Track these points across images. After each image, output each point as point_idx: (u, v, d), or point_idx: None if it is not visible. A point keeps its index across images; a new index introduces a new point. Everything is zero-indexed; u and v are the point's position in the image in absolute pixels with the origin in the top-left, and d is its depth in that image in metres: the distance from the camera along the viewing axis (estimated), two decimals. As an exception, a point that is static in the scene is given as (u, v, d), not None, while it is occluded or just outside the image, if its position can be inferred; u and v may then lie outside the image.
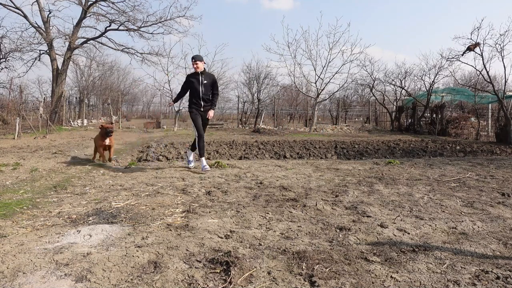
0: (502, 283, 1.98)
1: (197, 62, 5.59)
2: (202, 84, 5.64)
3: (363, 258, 2.31)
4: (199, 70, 5.65)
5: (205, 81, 5.66)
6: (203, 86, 5.65)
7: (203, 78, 5.65)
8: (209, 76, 5.78)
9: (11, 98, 15.77)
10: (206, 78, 5.70)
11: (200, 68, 5.64)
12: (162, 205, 3.60)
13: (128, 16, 19.79)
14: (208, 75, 5.77)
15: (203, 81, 5.64)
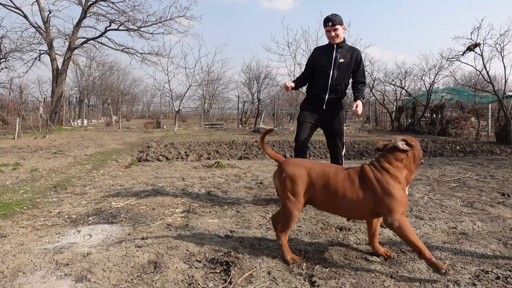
0: (502, 283, 1.98)
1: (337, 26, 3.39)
2: (336, 63, 3.45)
3: (363, 258, 2.31)
4: (337, 41, 3.46)
5: (342, 59, 3.47)
6: (337, 67, 3.46)
7: (340, 54, 3.47)
8: (348, 52, 3.52)
9: (11, 98, 15.80)
10: (344, 54, 3.49)
11: (340, 37, 3.46)
12: (162, 205, 3.60)
13: (128, 16, 19.82)
14: (347, 49, 3.52)
15: (338, 59, 3.45)
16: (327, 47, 3.55)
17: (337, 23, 3.41)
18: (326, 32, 3.47)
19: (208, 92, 35.56)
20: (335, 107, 3.60)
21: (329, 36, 3.46)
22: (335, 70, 3.47)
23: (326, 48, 3.56)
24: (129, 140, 11.84)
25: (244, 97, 25.91)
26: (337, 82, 3.50)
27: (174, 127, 17.90)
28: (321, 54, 3.54)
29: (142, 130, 17.93)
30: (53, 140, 11.00)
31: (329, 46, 3.54)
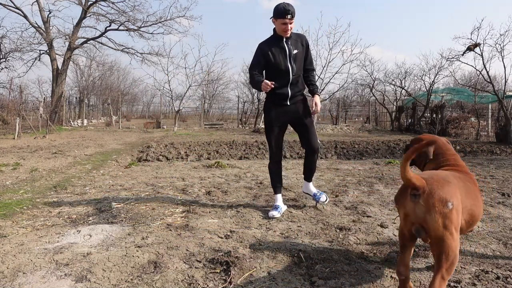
0: (502, 283, 1.98)
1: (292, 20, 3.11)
2: (290, 56, 3.21)
3: (363, 258, 2.31)
4: (289, 34, 3.20)
5: (295, 50, 3.24)
6: (292, 59, 3.22)
7: (292, 46, 3.23)
8: (297, 41, 3.29)
9: (11, 98, 15.78)
10: (295, 44, 3.25)
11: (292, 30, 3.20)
12: (162, 205, 3.60)
13: (128, 16, 19.83)
14: (295, 38, 3.28)
15: (292, 50, 3.22)
16: (276, 40, 3.22)
17: (294, 15, 3.13)
18: (281, 25, 3.10)
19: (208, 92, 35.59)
20: (299, 100, 3.34)
21: (285, 29, 3.12)
22: (292, 63, 3.22)
23: (274, 41, 3.22)
24: (129, 140, 11.84)
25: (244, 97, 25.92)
26: (297, 74, 3.27)
27: (174, 127, 17.90)
28: (272, 49, 3.20)
29: (142, 130, 17.94)
30: (53, 140, 11.01)
31: (277, 39, 3.22)
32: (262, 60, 3.20)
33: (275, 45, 3.21)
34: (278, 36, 3.21)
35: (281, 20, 3.08)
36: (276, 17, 3.10)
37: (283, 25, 3.10)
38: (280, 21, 3.09)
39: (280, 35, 3.19)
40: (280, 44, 3.21)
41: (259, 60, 3.21)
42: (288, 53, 3.20)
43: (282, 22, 3.09)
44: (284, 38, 3.20)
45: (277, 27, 3.16)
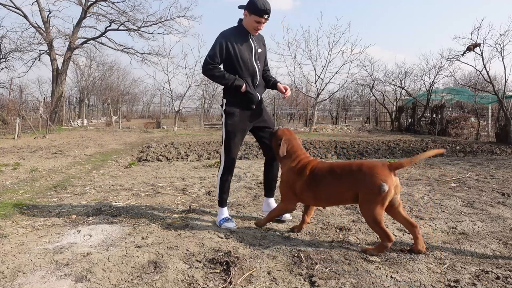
0: (502, 283, 1.98)
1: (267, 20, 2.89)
2: (256, 55, 2.99)
3: (363, 258, 2.31)
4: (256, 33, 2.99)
5: (259, 49, 3.04)
6: (258, 58, 3.01)
7: (256, 43, 3.01)
8: (260, 40, 3.10)
9: (11, 98, 15.79)
10: (258, 43, 3.06)
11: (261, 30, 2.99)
12: (162, 205, 3.60)
13: (128, 16, 19.83)
14: (258, 37, 3.09)
15: (257, 49, 3.00)
16: (241, 34, 2.92)
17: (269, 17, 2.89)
18: (255, 23, 2.83)
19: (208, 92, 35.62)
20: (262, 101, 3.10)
21: (257, 28, 2.88)
22: (258, 62, 2.97)
23: (240, 35, 2.91)
24: (129, 140, 11.84)
25: (244, 97, 25.81)
26: (261, 75, 3.06)
27: (174, 127, 17.90)
28: (239, 43, 2.88)
29: (142, 130, 17.94)
30: (53, 140, 11.00)
31: (243, 33, 2.92)
32: (223, 52, 2.85)
33: (241, 40, 2.90)
34: (244, 30, 2.92)
35: (256, 18, 2.81)
36: (251, 12, 2.81)
37: (256, 23, 2.84)
38: (254, 18, 2.82)
39: (248, 31, 2.92)
40: (245, 39, 2.92)
41: (221, 51, 2.84)
42: (254, 51, 2.95)
43: (256, 20, 2.83)
44: (250, 34, 2.94)
45: (249, 22, 2.86)
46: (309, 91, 24.41)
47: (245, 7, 2.85)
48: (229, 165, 3.01)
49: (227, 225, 2.91)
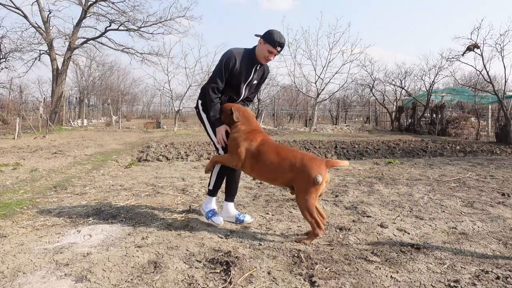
0: (502, 283, 1.98)
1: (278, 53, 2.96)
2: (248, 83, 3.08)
3: (363, 258, 2.31)
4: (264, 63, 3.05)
5: (255, 81, 3.13)
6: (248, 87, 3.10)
7: (256, 75, 3.09)
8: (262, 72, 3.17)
9: (11, 98, 15.79)
10: (259, 75, 3.14)
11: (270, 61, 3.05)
12: (162, 205, 3.60)
13: (128, 16, 19.83)
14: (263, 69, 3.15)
15: (253, 80, 3.09)
16: (249, 60, 2.97)
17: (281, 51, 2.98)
18: (267, 52, 2.89)
19: (208, 92, 35.46)
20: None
21: (268, 58, 2.94)
22: (246, 90, 3.08)
23: (247, 60, 2.97)
24: (129, 140, 11.84)
25: (244, 97, 25.79)
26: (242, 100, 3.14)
27: (174, 127, 17.91)
28: (242, 68, 2.95)
29: (142, 130, 17.94)
30: (53, 140, 11.00)
31: (251, 59, 2.98)
32: (227, 72, 2.91)
33: (246, 65, 2.96)
34: (254, 57, 2.97)
35: (270, 48, 2.87)
36: (266, 41, 2.87)
37: (268, 53, 2.90)
38: (268, 47, 2.87)
39: (258, 59, 2.97)
40: (250, 67, 2.98)
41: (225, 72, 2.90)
42: (249, 81, 3.04)
43: (269, 50, 2.88)
44: (257, 64, 3.00)
45: (261, 51, 2.91)
46: (309, 91, 24.41)
47: (262, 36, 2.92)
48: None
49: (216, 220, 2.97)
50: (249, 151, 2.76)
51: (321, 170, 2.51)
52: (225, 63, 2.88)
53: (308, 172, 2.51)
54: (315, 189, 2.52)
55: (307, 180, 2.50)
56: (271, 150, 2.72)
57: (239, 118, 2.86)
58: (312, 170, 2.50)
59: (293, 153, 2.66)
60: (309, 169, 2.51)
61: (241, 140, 2.80)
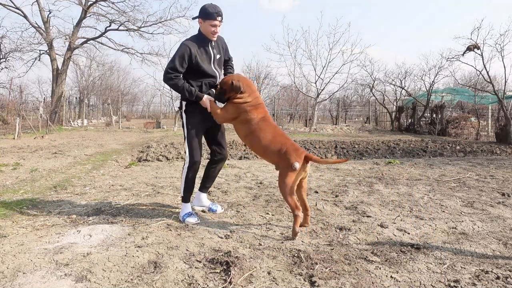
0: (502, 283, 1.98)
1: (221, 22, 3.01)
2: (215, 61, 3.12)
3: (363, 258, 2.31)
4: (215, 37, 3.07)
5: (218, 54, 3.15)
6: (217, 64, 3.14)
7: (215, 50, 3.12)
8: (220, 44, 3.20)
9: (11, 98, 15.79)
10: (218, 48, 3.16)
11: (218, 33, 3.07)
12: (162, 205, 3.60)
13: (128, 16, 19.82)
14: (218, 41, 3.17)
15: (215, 55, 3.12)
16: (202, 42, 3.01)
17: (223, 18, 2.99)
18: (210, 27, 2.93)
19: (208, 92, 35.50)
20: None
21: (213, 32, 2.97)
22: (217, 68, 3.12)
23: (202, 43, 3.02)
24: (129, 140, 11.84)
25: (244, 97, 25.78)
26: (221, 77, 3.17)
27: (174, 127, 17.90)
28: (199, 52, 2.99)
29: (142, 130, 17.94)
30: (53, 140, 11.00)
31: (203, 41, 3.02)
32: (185, 62, 2.93)
33: (201, 48, 3.01)
34: (204, 38, 3.02)
35: (210, 22, 2.92)
36: (204, 18, 2.93)
37: (212, 27, 2.94)
38: (209, 23, 2.93)
39: (206, 37, 3.02)
40: (205, 48, 3.03)
41: (182, 61, 2.91)
42: (213, 58, 3.08)
43: (211, 24, 2.93)
44: (211, 42, 3.05)
45: (205, 28, 2.97)
46: (309, 91, 24.41)
47: (198, 16, 2.99)
48: (193, 164, 3.08)
49: (190, 220, 3.02)
50: (246, 120, 2.92)
51: (300, 159, 2.74)
52: (181, 53, 2.92)
53: (288, 158, 2.75)
54: (293, 174, 2.74)
55: (288, 165, 2.75)
56: (268, 130, 2.90)
57: (244, 88, 2.91)
58: (292, 157, 2.75)
59: (283, 140, 2.87)
60: (289, 156, 2.75)
61: (240, 110, 2.91)
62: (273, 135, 2.89)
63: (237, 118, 2.95)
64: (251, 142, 2.96)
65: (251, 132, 2.91)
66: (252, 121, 2.91)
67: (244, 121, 2.93)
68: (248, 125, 2.92)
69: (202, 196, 3.38)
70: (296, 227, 2.68)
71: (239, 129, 2.99)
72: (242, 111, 2.91)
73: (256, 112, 2.92)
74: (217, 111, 2.99)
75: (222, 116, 2.99)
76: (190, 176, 3.09)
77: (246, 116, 2.91)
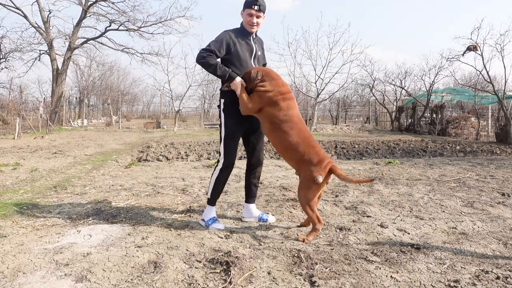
0: (502, 283, 1.98)
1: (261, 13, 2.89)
2: (256, 57, 3.01)
3: (363, 258, 2.31)
4: (255, 30, 2.96)
5: (259, 52, 3.07)
6: (257, 60, 3.04)
7: (257, 45, 3.03)
8: (260, 43, 3.13)
9: (11, 98, 15.78)
10: (259, 45, 3.08)
11: (259, 27, 2.97)
12: (162, 205, 3.60)
13: (128, 16, 19.82)
14: (259, 40, 3.11)
15: (257, 50, 3.02)
16: (243, 34, 2.93)
17: (263, 10, 2.87)
18: (248, 16, 2.85)
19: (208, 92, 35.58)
20: None
21: (251, 22, 2.86)
22: (257, 65, 3.01)
23: (241, 35, 2.92)
24: (129, 140, 11.84)
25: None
26: None
27: (174, 127, 17.90)
28: (240, 43, 2.90)
29: (142, 130, 17.93)
30: (53, 140, 11.00)
31: (244, 33, 2.93)
32: (222, 48, 2.79)
33: (242, 40, 2.91)
34: (245, 30, 2.93)
35: (248, 11, 2.83)
36: (244, 8, 2.87)
37: (249, 16, 2.85)
38: (247, 12, 2.84)
39: (246, 30, 2.93)
40: (247, 40, 2.94)
41: (220, 46, 2.77)
42: (254, 53, 2.98)
43: (248, 13, 2.84)
44: (252, 35, 2.96)
45: (244, 19, 2.90)
46: (309, 91, 24.38)
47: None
48: (227, 166, 2.92)
49: (216, 226, 2.87)
50: (272, 116, 2.71)
51: (323, 172, 2.58)
52: (221, 38, 2.80)
53: (311, 170, 2.59)
54: (316, 187, 2.61)
55: (309, 176, 2.60)
56: (292, 132, 2.69)
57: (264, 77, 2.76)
58: (315, 169, 2.59)
59: (308, 147, 2.67)
60: (312, 167, 2.59)
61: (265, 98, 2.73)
62: (297, 139, 2.67)
63: (262, 110, 2.75)
64: (274, 140, 2.76)
65: (275, 129, 2.71)
66: (276, 116, 2.69)
67: (268, 115, 2.73)
68: (271, 120, 2.71)
69: (251, 207, 3.14)
70: (311, 238, 2.59)
71: (263, 123, 2.80)
72: (265, 100, 2.72)
73: (282, 104, 2.70)
74: (244, 98, 2.77)
75: (247, 104, 2.75)
76: (222, 179, 2.94)
77: (271, 108, 2.71)
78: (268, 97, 2.72)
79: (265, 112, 2.75)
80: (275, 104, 2.72)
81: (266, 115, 2.75)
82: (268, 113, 2.73)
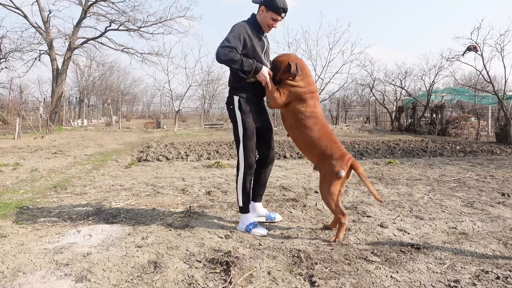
0: (502, 283, 1.98)
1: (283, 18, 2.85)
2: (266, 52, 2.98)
3: (363, 258, 2.31)
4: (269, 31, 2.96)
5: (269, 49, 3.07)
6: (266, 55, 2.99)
7: (267, 41, 3.00)
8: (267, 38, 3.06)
9: (11, 98, 15.78)
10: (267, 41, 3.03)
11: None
12: (162, 205, 3.60)
13: (128, 16, 19.84)
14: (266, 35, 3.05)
15: (267, 46, 3.00)
16: (257, 29, 2.86)
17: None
18: (271, 19, 2.79)
19: (208, 92, 35.59)
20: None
21: (271, 26, 2.85)
22: (265, 59, 2.93)
23: (256, 30, 2.85)
24: (129, 140, 11.84)
25: (244, 97, 25.77)
26: None
27: (174, 127, 17.90)
28: (254, 38, 2.80)
29: (142, 130, 17.93)
30: (53, 140, 11.00)
31: (258, 29, 2.87)
32: (241, 44, 2.69)
33: (256, 35, 2.83)
34: (259, 26, 2.86)
35: (274, 15, 2.77)
36: (269, 9, 2.75)
37: (273, 20, 2.80)
38: (271, 15, 2.77)
39: (261, 27, 2.86)
40: (259, 35, 2.87)
41: (239, 42, 2.67)
42: (265, 49, 2.92)
43: (273, 18, 2.78)
44: (262, 31, 2.90)
45: (264, 19, 2.81)
46: (309, 91, 24.35)
47: (263, 2, 2.77)
48: (250, 167, 2.81)
49: (259, 231, 2.75)
50: (298, 112, 2.69)
51: (345, 167, 2.61)
52: (236, 34, 2.67)
53: (333, 164, 2.62)
54: (337, 181, 2.62)
55: (331, 171, 2.62)
56: (315, 128, 2.68)
57: (299, 71, 2.70)
58: (337, 164, 2.61)
59: (330, 142, 2.68)
60: (335, 162, 2.62)
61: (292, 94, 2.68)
62: (319, 134, 2.66)
63: (289, 104, 2.70)
64: (295, 136, 2.74)
65: (298, 125, 2.68)
66: (302, 112, 2.66)
67: (294, 111, 2.69)
68: (296, 116, 2.67)
69: (257, 206, 3.04)
70: (341, 236, 2.58)
71: (286, 118, 2.74)
72: (295, 96, 2.66)
73: (310, 100, 2.68)
74: (275, 92, 2.67)
75: (278, 98, 2.67)
76: (248, 183, 2.82)
77: (298, 104, 2.67)
78: (299, 93, 2.68)
79: (291, 107, 2.71)
80: (303, 101, 2.69)
81: (291, 111, 2.71)
82: (295, 109, 2.70)
